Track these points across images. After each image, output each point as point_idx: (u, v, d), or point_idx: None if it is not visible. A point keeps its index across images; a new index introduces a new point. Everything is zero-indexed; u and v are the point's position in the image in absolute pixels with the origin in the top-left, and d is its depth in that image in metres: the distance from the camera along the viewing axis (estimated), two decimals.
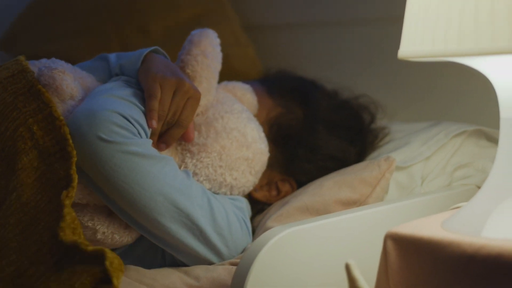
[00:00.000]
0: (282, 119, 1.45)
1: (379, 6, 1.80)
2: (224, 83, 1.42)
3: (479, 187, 1.36)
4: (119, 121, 1.14)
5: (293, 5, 1.99)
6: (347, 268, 0.97)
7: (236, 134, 1.30)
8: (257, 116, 1.43)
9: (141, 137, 1.17)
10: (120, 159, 1.14)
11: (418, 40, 0.96)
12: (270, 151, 1.40)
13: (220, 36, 1.93)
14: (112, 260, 1.05)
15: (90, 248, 1.05)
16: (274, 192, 1.43)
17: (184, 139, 1.27)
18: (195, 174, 1.27)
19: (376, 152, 1.47)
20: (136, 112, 1.18)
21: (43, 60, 1.27)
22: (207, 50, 1.30)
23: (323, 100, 1.50)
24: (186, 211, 1.19)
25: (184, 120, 1.23)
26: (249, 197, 1.41)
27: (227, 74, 1.90)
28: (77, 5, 2.00)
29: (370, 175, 1.32)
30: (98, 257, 1.04)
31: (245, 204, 1.33)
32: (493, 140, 1.45)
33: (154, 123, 1.19)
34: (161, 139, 1.24)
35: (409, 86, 1.77)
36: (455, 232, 0.98)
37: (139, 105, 1.20)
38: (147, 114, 1.19)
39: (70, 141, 1.13)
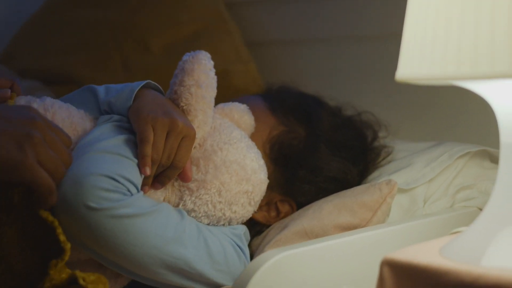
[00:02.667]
0: (283, 138, 1.42)
1: (381, 23, 1.78)
2: (221, 106, 1.36)
3: (481, 210, 1.34)
4: (106, 184, 1.10)
5: (294, 22, 1.97)
6: None
7: (236, 167, 1.26)
8: (259, 134, 1.40)
9: (131, 193, 1.13)
10: (110, 224, 1.10)
11: (416, 62, 0.94)
12: (271, 171, 1.37)
13: (221, 52, 1.93)
14: (85, 276, 1.03)
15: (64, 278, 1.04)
16: (273, 213, 1.40)
17: (182, 179, 1.22)
18: (193, 211, 1.23)
19: (378, 172, 1.44)
20: (125, 167, 1.13)
21: (29, 98, 1.21)
22: (201, 80, 1.22)
23: (326, 118, 1.46)
24: (182, 258, 1.15)
25: (179, 161, 1.19)
26: (250, 219, 1.38)
27: (227, 91, 1.88)
28: (78, 21, 1.99)
29: (371, 199, 1.29)
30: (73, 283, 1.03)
31: (243, 231, 1.30)
32: (497, 161, 1.42)
33: (148, 170, 1.15)
34: (157, 179, 1.20)
35: (411, 104, 1.75)
36: (453, 259, 0.96)
37: (130, 155, 1.15)
38: (139, 160, 1.15)
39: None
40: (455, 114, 1.68)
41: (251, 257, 1.29)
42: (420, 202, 1.36)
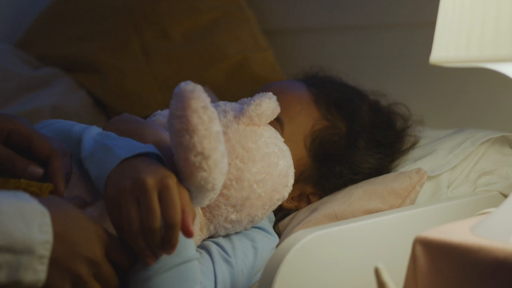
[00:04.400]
0: (325, 133, 1.40)
1: (401, 11, 1.80)
2: (245, 117, 1.23)
3: (502, 194, 1.37)
4: None
5: (313, 10, 2.00)
6: (377, 272, 0.97)
7: (271, 194, 1.24)
8: (303, 127, 1.39)
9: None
10: None
11: (451, 45, 0.96)
12: (308, 165, 1.38)
13: (239, 40, 1.96)
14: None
15: None
16: (304, 204, 1.42)
17: (184, 235, 1.05)
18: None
19: (401, 159, 1.47)
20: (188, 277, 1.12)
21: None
22: (198, 129, 1.05)
23: (367, 115, 1.45)
24: None
25: (171, 217, 1.03)
26: (280, 207, 1.40)
27: (246, 77, 1.91)
28: (97, 7, 2.01)
29: (401, 187, 1.31)
30: None
31: (265, 222, 1.32)
32: None
33: (150, 260, 1.06)
34: (164, 245, 1.05)
35: (433, 92, 1.77)
36: (485, 237, 0.98)
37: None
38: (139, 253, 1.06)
39: None
40: (480, 103, 1.70)
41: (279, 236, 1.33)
42: (444, 188, 1.38)
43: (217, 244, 1.21)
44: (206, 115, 1.05)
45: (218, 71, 1.90)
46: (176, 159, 1.08)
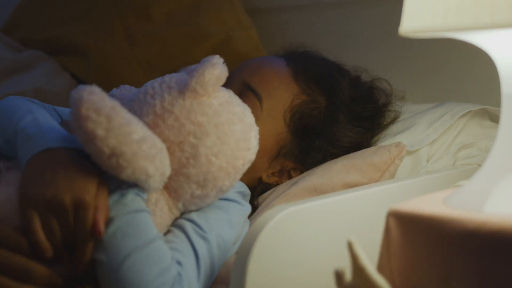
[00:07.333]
0: (304, 108, 1.41)
1: None
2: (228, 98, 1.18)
3: None
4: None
5: None
6: (349, 245, 0.97)
7: (232, 162, 1.18)
8: (282, 102, 1.40)
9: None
10: None
11: (418, 16, 0.96)
12: (288, 140, 1.39)
13: (222, 19, 1.95)
14: None
15: None
16: (285, 179, 1.42)
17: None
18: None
19: (381, 134, 1.46)
20: (160, 259, 1.11)
21: None
22: (112, 144, 1.05)
23: (347, 89, 1.45)
24: None
25: (83, 235, 1.06)
26: (260, 181, 1.40)
27: (230, 57, 1.90)
28: None
29: (380, 160, 1.31)
30: None
31: (238, 189, 1.30)
32: (497, 120, 1.45)
33: (49, 252, 1.05)
34: (76, 259, 1.08)
35: (413, 66, 1.77)
36: (456, 208, 0.98)
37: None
38: (37, 249, 1.05)
39: None
40: (459, 77, 1.70)
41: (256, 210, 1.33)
42: (423, 161, 1.38)
43: (191, 221, 1.19)
44: (102, 116, 1.03)
45: (201, 51, 1.89)
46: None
